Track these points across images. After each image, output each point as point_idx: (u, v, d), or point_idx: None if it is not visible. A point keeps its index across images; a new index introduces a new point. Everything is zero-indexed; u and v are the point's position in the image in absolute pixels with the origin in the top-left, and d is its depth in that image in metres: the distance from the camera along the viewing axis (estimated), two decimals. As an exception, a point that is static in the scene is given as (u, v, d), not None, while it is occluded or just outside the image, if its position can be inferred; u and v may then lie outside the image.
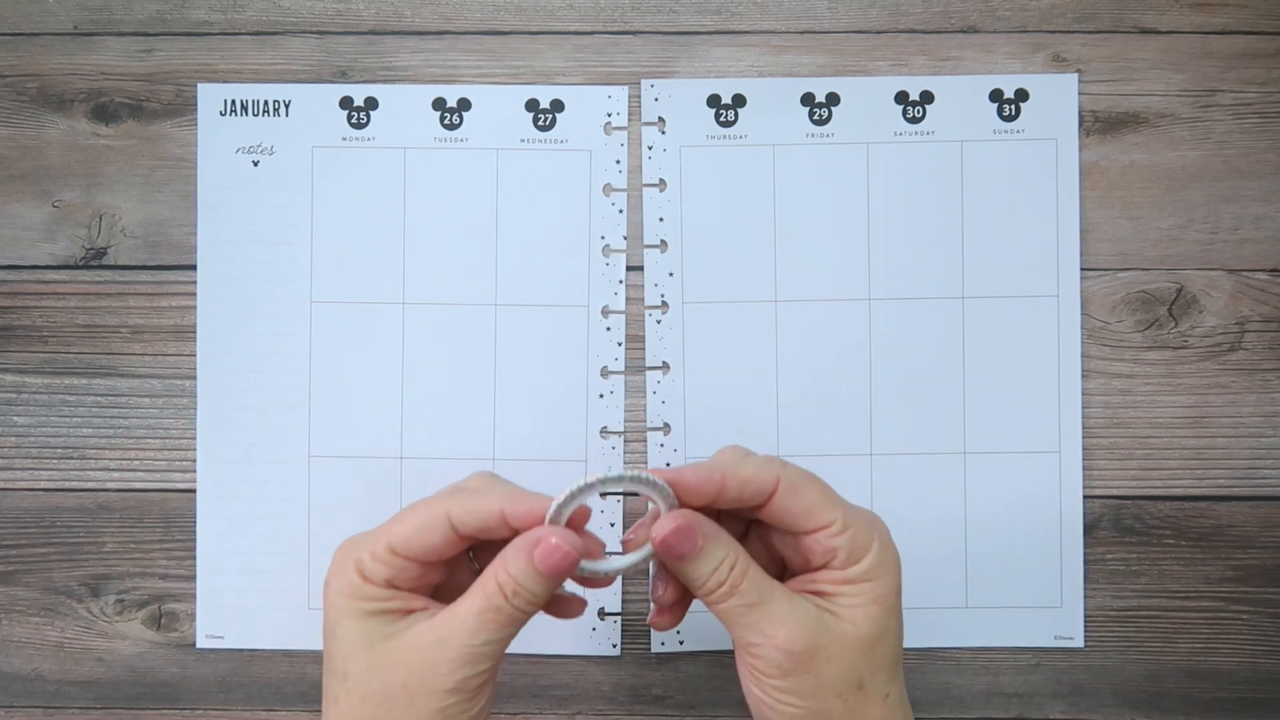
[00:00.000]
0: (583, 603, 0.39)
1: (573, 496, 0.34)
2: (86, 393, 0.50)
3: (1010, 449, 0.49)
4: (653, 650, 0.49)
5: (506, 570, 0.35)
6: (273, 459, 0.50)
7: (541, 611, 0.37)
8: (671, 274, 0.50)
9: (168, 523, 0.50)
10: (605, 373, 0.50)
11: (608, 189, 0.50)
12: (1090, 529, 0.49)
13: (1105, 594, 0.49)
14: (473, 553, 0.39)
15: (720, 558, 0.35)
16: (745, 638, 0.36)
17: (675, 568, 0.36)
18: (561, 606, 0.39)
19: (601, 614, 0.49)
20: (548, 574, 0.34)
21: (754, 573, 0.35)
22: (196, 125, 0.50)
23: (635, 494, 0.39)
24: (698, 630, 0.49)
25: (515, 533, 0.35)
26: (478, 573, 0.37)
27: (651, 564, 0.37)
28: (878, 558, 0.36)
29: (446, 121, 0.50)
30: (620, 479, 0.34)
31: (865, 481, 0.49)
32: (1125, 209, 0.50)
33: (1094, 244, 0.50)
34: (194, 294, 0.50)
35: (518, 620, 0.35)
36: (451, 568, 0.38)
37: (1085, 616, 0.49)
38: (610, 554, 0.37)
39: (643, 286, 0.50)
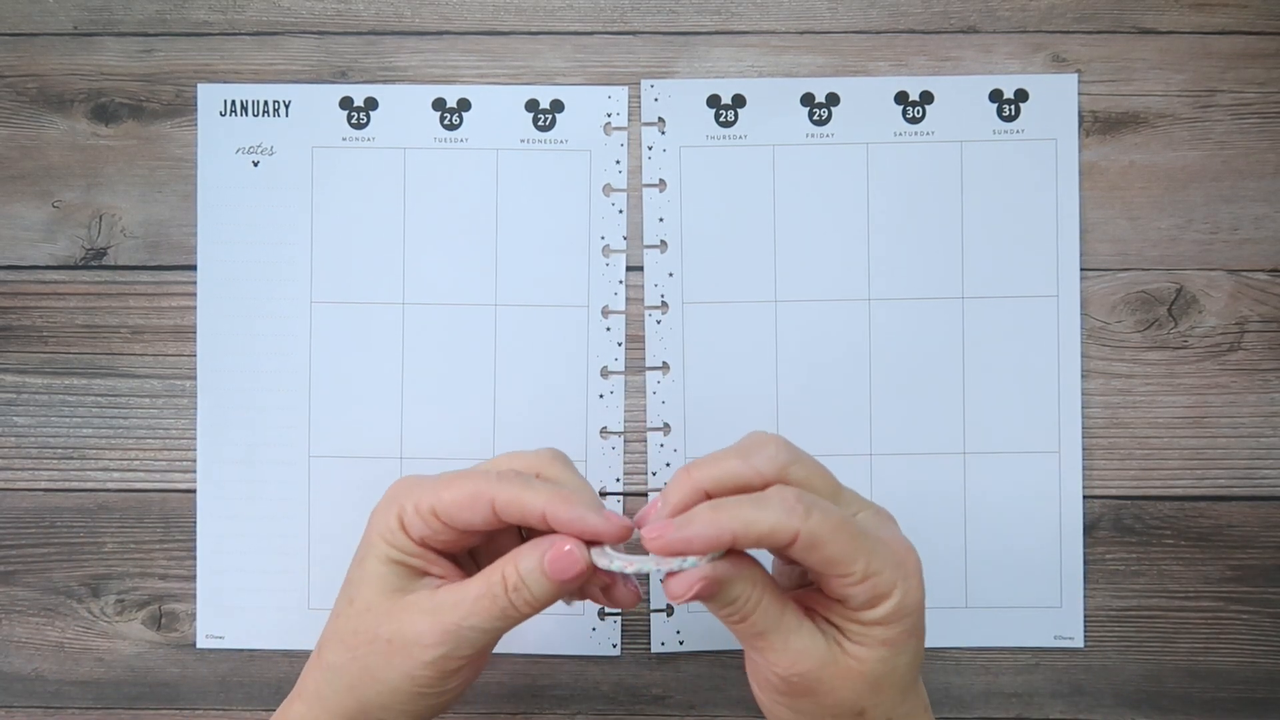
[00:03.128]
0: (636, 593, 0.37)
1: (616, 569, 0.35)
2: (86, 393, 0.50)
3: (1010, 449, 0.49)
4: (652, 650, 0.49)
5: (515, 565, 0.35)
6: (273, 459, 0.50)
7: (598, 598, 0.37)
8: (671, 274, 0.50)
9: (168, 523, 0.50)
10: (605, 373, 0.50)
11: (608, 189, 0.50)
12: (1090, 529, 0.49)
13: (1105, 594, 0.49)
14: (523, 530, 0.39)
15: (735, 595, 0.34)
16: (751, 655, 0.36)
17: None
18: (614, 593, 0.37)
19: (601, 614, 0.49)
20: (553, 578, 0.35)
21: (767, 602, 0.35)
22: (196, 125, 0.50)
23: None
24: (698, 630, 0.49)
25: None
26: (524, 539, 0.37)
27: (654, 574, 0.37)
28: (896, 604, 0.34)
29: (446, 122, 0.50)
30: (655, 570, 0.34)
31: (865, 481, 0.49)
32: (1125, 209, 0.50)
33: (1094, 244, 0.50)
34: (194, 294, 0.50)
35: (510, 616, 0.35)
36: (494, 533, 0.38)
37: (1085, 616, 0.49)
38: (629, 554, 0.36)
39: (643, 286, 0.50)
